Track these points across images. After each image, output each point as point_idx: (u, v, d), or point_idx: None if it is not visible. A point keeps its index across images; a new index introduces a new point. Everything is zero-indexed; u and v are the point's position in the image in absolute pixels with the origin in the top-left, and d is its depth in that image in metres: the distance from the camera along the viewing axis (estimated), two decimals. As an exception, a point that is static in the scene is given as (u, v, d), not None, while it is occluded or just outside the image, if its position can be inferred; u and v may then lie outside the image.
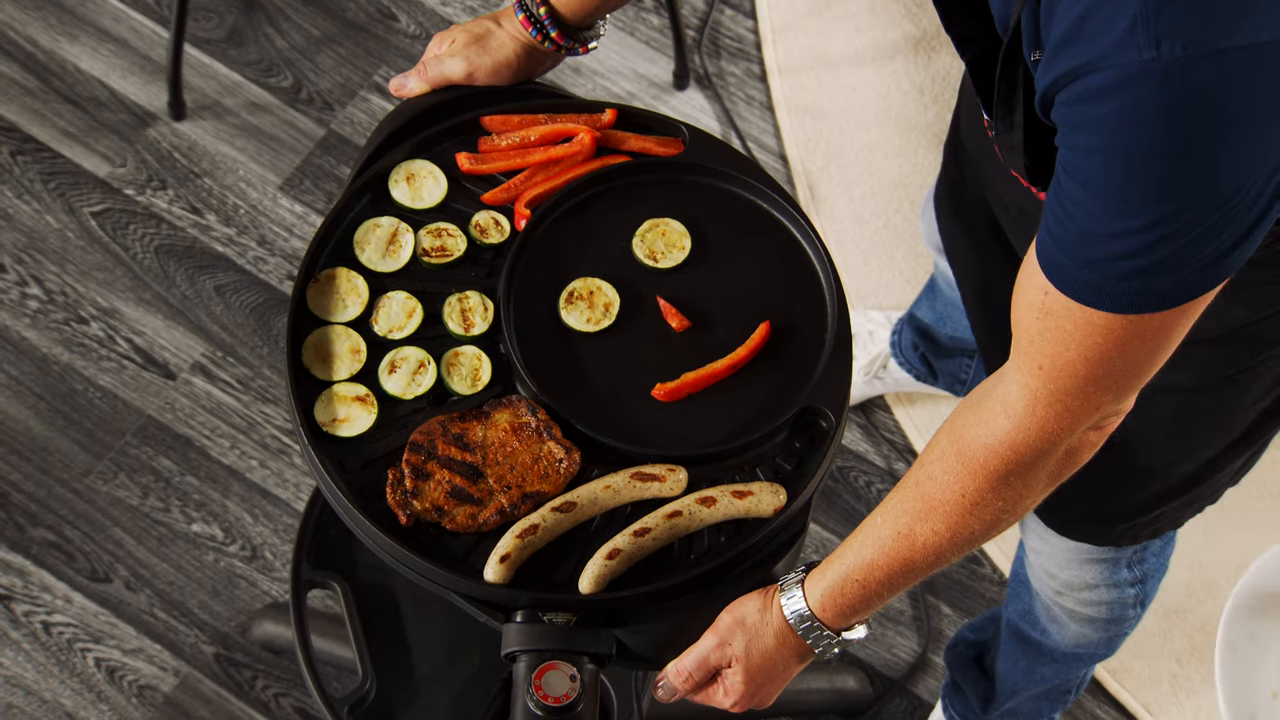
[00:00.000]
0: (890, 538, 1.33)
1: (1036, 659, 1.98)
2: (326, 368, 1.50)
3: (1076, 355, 1.19)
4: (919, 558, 1.33)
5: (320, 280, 1.54)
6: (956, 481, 1.29)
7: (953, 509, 1.30)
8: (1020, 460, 1.26)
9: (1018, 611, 1.96)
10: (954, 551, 1.33)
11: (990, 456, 1.27)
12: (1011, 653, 2.02)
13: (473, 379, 1.51)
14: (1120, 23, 1.06)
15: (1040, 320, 1.19)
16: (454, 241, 1.56)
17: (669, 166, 1.61)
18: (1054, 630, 1.92)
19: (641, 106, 2.11)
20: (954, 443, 1.30)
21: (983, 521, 1.30)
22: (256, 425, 2.38)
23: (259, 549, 2.31)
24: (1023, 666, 2.01)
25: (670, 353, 1.52)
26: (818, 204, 2.57)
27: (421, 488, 1.45)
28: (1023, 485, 1.28)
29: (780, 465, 1.49)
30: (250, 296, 2.45)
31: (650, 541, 1.42)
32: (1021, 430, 1.25)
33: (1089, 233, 1.13)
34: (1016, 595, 1.97)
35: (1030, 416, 1.24)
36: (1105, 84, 1.07)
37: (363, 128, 2.57)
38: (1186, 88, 1.05)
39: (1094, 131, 1.09)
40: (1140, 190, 1.09)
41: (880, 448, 2.42)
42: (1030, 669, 2.01)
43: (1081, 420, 1.23)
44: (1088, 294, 1.15)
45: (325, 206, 2.51)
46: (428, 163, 1.60)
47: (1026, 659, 2.00)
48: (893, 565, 1.34)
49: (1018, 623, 1.97)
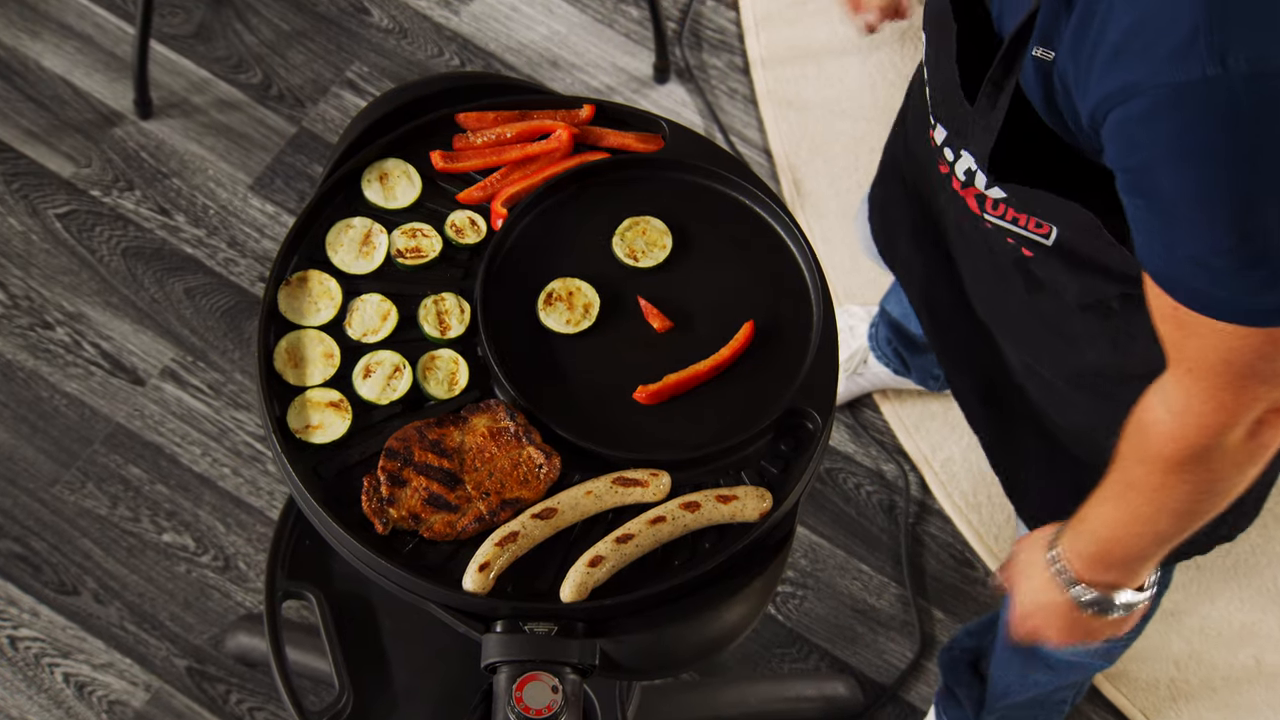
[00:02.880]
0: (1111, 501, 1.38)
1: (1030, 664, 1.99)
2: (299, 372, 1.50)
3: (1218, 359, 1.23)
4: (1136, 525, 1.37)
5: (292, 283, 1.54)
6: (1140, 463, 1.34)
7: (1144, 486, 1.34)
8: (1190, 450, 1.30)
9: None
10: (1171, 522, 1.36)
11: (1160, 445, 1.31)
12: (1006, 655, 2.03)
13: (449, 383, 1.51)
14: (1177, 35, 1.05)
15: (1178, 330, 1.24)
16: (429, 242, 1.57)
17: (649, 163, 1.61)
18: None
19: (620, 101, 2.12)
20: (1136, 422, 1.34)
21: (1179, 500, 1.34)
22: (228, 432, 2.37)
23: (232, 559, 2.31)
24: (1016, 670, 2.02)
25: (652, 354, 1.53)
26: (803, 199, 2.57)
27: (398, 495, 1.45)
28: (1206, 471, 1.31)
29: (766, 468, 1.49)
30: (220, 299, 2.45)
31: (633, 548, 1.43)
32: (1181, 425, 1.29)
33: (1185, 256, 1.16)
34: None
35: (1188, 413, 1.28)
36: (1163, 101, 1.07)
37: (335, 125, 2.57)
38: (1258, 102, 1.04)
39: (1157, 151, 1.09)
40: (1220, 208, 1.11)
41: (869, 449, 2.43)
42: (1023, 674, 2.02)
43: (1241, 412, 1.27)
44: (1212, 309, 1.19)
45: (297, 206, 2.51)
46: (401, 161, 1.60)
47: (1021, 663, 2.00)
48: (1124, 529, 1.38)
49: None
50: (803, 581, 2.35)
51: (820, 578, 2.35)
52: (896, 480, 2.41)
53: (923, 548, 2.38)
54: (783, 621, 2.32)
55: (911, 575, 2.35)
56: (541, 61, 2.64)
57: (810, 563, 2.36)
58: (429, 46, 2.63)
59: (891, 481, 2.41)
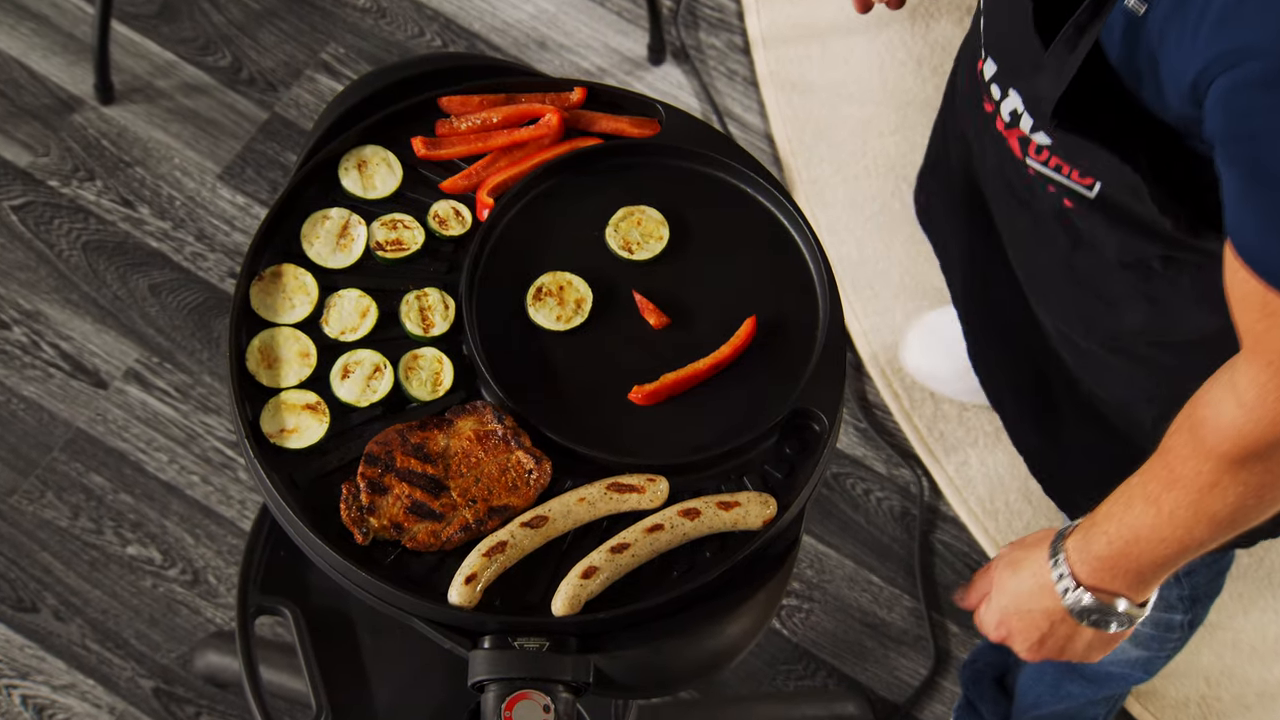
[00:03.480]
0: (1140, 500, 1.36)
1: (1065, 674, 1.99)
2: (273, 373, 1.51)
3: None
4: (1166, 529, 1.35)
5: (265, 278, 1.54)
6: (1192, 457, 1.32)
7: (1191, 485, 1.32)
8: (1252, 448, 1.29)
9: None
10: (1208, 529, 1.34)
11: (1221, 440, 1.29)
12: (1035, 669, 2.02)
13: (433, 384, 1.51)
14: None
15: (1264, 320, 1.22)
16: (411, 234, 1.57)
17: (644, 149, 1.62)
18: None
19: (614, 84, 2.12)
20: (1189, 418, 1.32)
21: (1226, 504, 1.32)
22: (197, 437, 2.38)
23: (201, 573, 2.31)
24: (1049, 681, 2.02)
25: (648, 352, 1.53)
26: (807, 187, 2.58)
27: (378, 503, 1.45)
28: (1265, 473, 1.30)
29: (769, 473, 1.50)
30: (188, 296, 2.46)
31: (629, 558, 1.43)
32: (1252, 420, 1.27)
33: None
34: None
35: (1261, 408, 1.26)
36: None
37: (309, 110, 2.57)
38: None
39: (1272, 120, 1.07)
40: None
41: (880, 452, 2.43)
42: (1056, 684, 2.02)
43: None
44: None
45: (269, 197, 2.51)
46: (381, 148, 1.61)
47: (1054, 672, 2.00)
48: (1149, 533, 1.36)
49: None
50: (809, 594, 2.35)
51: (828, 590, 2.36)
52: (909, 486, 2.42)
53: (937, 557, 2.38)
54: (788, 636, 2.33)
55: (925, 587, 2.36)
56: (529, 42, 2.64)
57: (817, 574, 2.36)
58: (409, 26, 2.63)
59: (903, 487, 2.42)
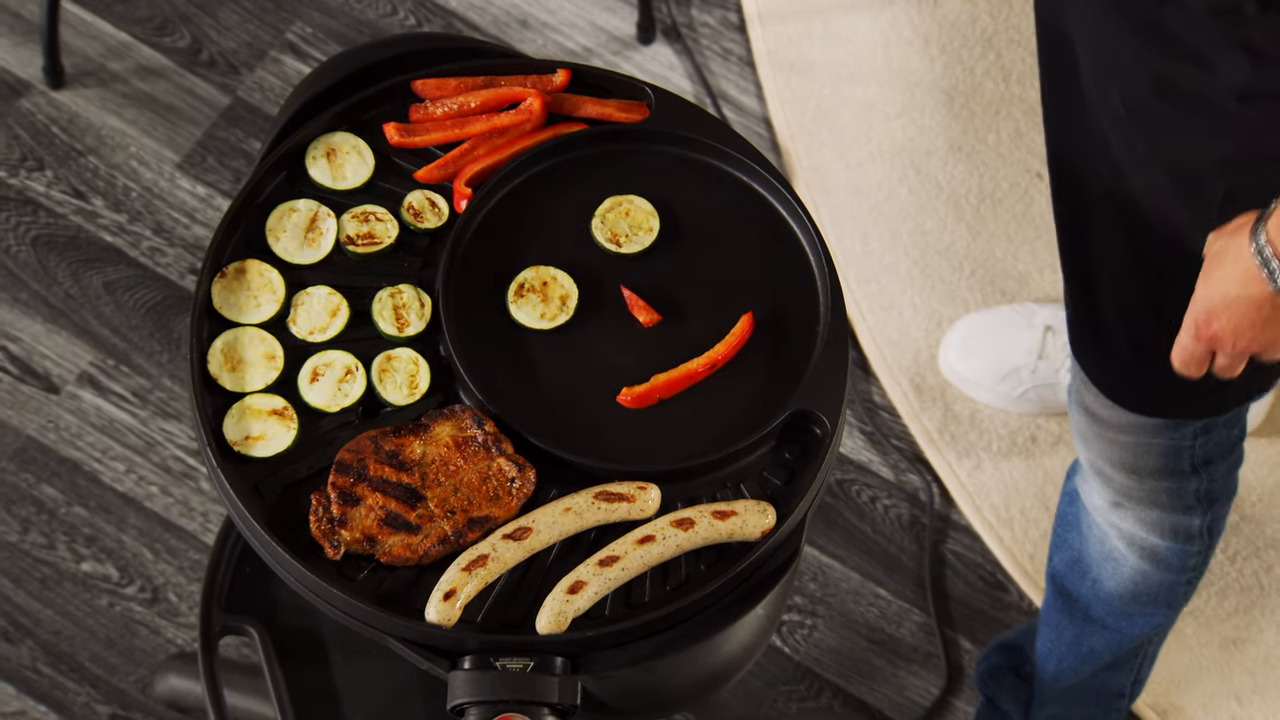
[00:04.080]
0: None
1: (1085, 627, 2.01)
2: (237, 377, 1.51)
3: None
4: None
5: (228, 274, 1.55)
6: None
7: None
8: None
9: (1065, 561, 2.00)
10: None
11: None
12: (1055, 623, 2.05)
13: (408, 387, 1.52)
14: None
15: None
16: (383, 227, 1.58)
17: (633, 135, 1.62)
18: (1108, 576, 1.95)
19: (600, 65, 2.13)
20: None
21: None
22: (156, 445, 2.38)
23: (161, 590, 2.31)
24: (1068, 639, 2.04)
25: (638, 352, 1.54)
26: (807, 174, 2.58)
27: (351, 515, 1.46)
28: None
29: (768, 480, 1.50)
30: (146, 294, 2.46)
31: (619, 572, 1.44)
32: None
33: None
34: (1064, 542, 2.00)
35: None
36: None
37: (274, 95, 2.57)
38: None
39: None
40: None
41: (888, 456, 2.44)
42: (1077, 641, 2.04)
43: None
44: None
45: (232, 188, 2.51)
46: (351, 135, 1.61)
47: (1073, 627, 2.02)
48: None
49: (1065, 577, 2.00)
50: (812, 609, 2.36)
51: (832, 604, 2.36)
52: (918, 492, 2.42)
53: (948, 569, 2.39)
54: (790, 654, 2.33)
55: (936, 600, 2.36)
56: (509, 20, 2.64)
57: (820, 587, 2.37)
58: (381, 4, 2.63)
59: (912, 494, 2.42)
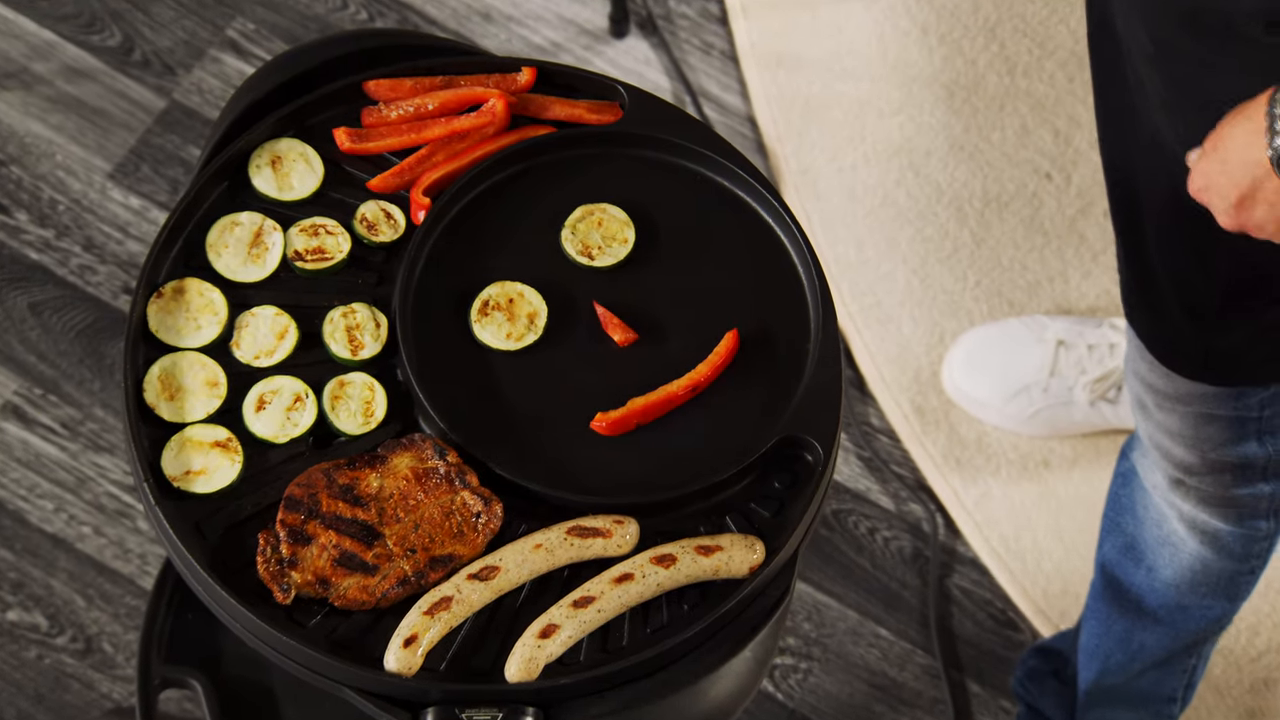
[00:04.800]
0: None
1: (1136, 620, 2.02)
2: (176, 406, 1.51)
3: None
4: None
5: (165, 294, 1.55)
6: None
7: None
8: None
9: (1117, 548, 2.01)
10: None
11: None
12: (1103, 616, 2.05)
13: (363, 415, 1.52)
14: None
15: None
16: (334, 241, 1.58)
17: (605, 138, 1.63)
18: (1164, 563, 1.96)
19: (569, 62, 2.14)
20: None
21: None
22: (88, 481, 2.38)
23: (95, 640, 2.31)
24: (1118, 633, 2.05)
25: (613, 374, 1.54)
26: (796, 178, 2.59)
27: (302, 555, 1.46)
28: None
29: (756, 512, 1.51)
30: (76, 316, 2.46)
31: (594, 614, 1.44)
32: None
33: None
34: (1116, 527, 2.01)
35: None
36: None
37: (214, 98, 2.58)
38: None
39: None
40: None
41: (887, 485, 2.44)
42: (1127, 636, 2.04)
43: None
44: None
45: (169, 199, 2.52)
46: (298, 142, 1.61)
47: (1124, 620, 2.03)
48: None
49: (1116, 565, 2.01)
50: (806, 651, 2.36)
51: (828, 646, 2.37)
52: (921, 523, 2.43)
53: (955, 606, 2.39)
54: (783, 701, 2.34)
55: (941, 641, 2.37)
56: (470, 14, 2.65)
57: (815, 627, 2.37)
58: (329, -3, 2.64)
59: (914, 525, 2.43)
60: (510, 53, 2.60)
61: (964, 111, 2.63)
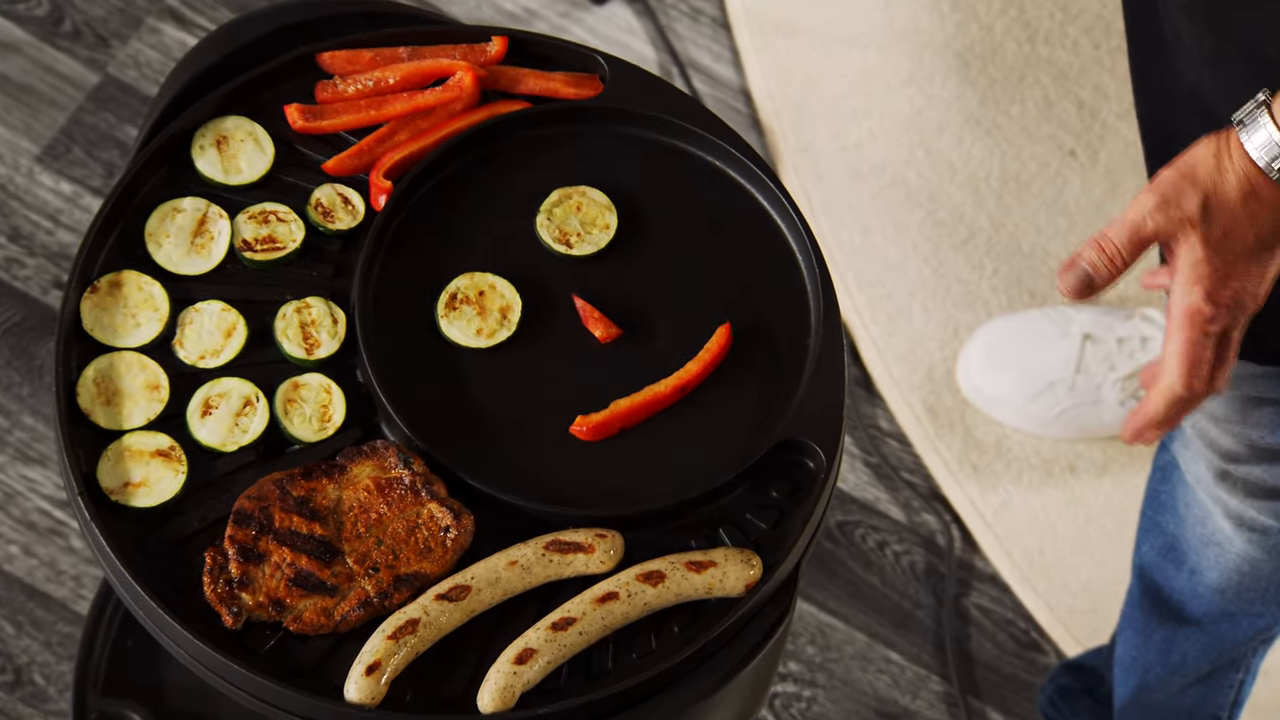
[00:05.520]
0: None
1: (1178, 629, 2.02)
2: (113, 411, 1.52)
3: None
4: None
5: (101, 289, 1.55)
6: None
7: None
8: None
9: (1157, 549, 2.01)
10: None
11: None
12: (1141, 625, 2.06)
13: (320, 420, 1.52)
14: None
15: None
16: (286, 229, 1.58)
17: (584, 114, 1.63)
18: (1208, 565, 1.96)
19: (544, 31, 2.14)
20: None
21: None
22: (16, 496, 2.38)
23: (25, 671, 2.31)
24: (1157, 644, 2.05)
25: (594, 373, 1.55)
26: (795, 157, 2.60)
27: (253, 575, 1.46)
28: None
29: (752, 524, 1.51)
30: (1, 314, 2.45)
31: (576, 637, 1.44)
32: None
33: None
34: (1155, 526, 2.01)
35: None
36: None
37: (153, 71, 2.58)
38: None
39: None
40: None
41: (898, 494, 2.45)
42: (1167, 647, 2.05)
43: None
44: None
45: (104, 184, 2.52)
46: (246, 120, 1.62)
47: (1164, 629, 2.03)
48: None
49: (1155, 569, 2.02)
50: (810, 677, 2.36)
51: (834, 671, 2.37)
52: (935, 536, 2.44)
53: (973, 627, 2.40)
54: (784, 733, 2.34)
55: (958, 665, 2.37)
56: (434, -23, 2.65)
57: (819, 651, 2.38)
58: (279, -40, 2.64)
59: (928, 538, 2.44)
60: (479, 20, 2.60)
61: (980, 82, 2.63)
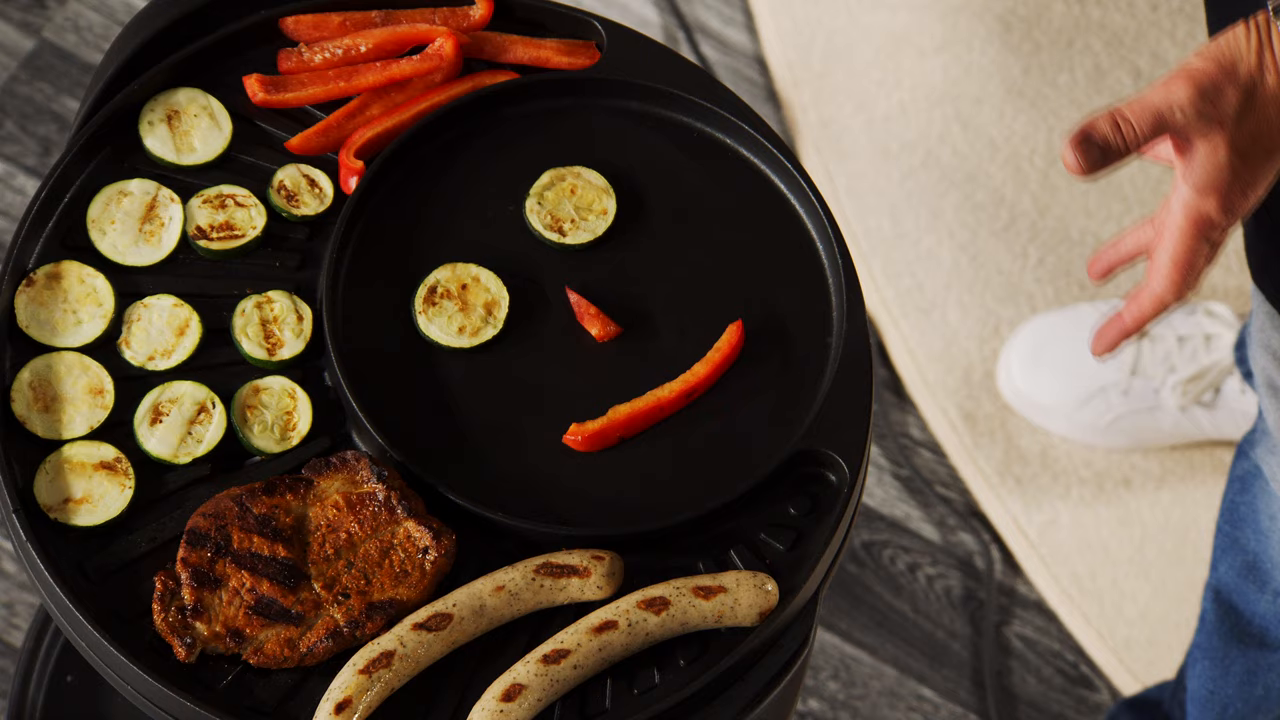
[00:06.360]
0: None
1: (1261, 656, 2.03)
2: (51, 419, 1.52)
3: None
4: None
5: (37, 282, 1.56)
6: None
7: None
8: None
9: (1236, 569, 2.02)
10: None
11: None
12: (1219, 655, 2.06)
13: (283, 428, 1.53)
14: None
15: None
16: (246, 214, 1.59)
17: (579, 86, 1.64)
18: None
19: (534, -10, 2.14)
20: None
21: None
22: (-58, 513, 2.38)
23: (-47, 709, 2.32)
24: (1238, 674, 2.05)
25: (591, 376, 1.55)
26: (816, 133, 2.60)
27: (209, 602, 1.46)
28: None
29: (767, 544, 1.52)
30: (-75, 309, 2.46)
31: (570, 671, 1.45)
32: None
33: None
34: (1234, 544, 2.01)
35: None
36: None
37: (95, 37, 2.58)
38: None
39: None
40: None
41: (930, 511, 2.45)
42: (1249, 677, 2.05)
43: None
44: None
45: (41, 164, 2.52)
46: (200, 93, 1.62)
47: (1245, 658, 2.04)
48: None
49: (1234, 591, 2.03)
50: (833, 716, 2.37)
51: (859, 709, 2.37)
52: (973, 558, 2.44)
53: (1015, 660, 2.40)
54: (804, 779, 2.35)
55: (999, 702, 2.38)
56: (411, -69, 2.66)
57: (843, 687, 2.38)
58: (237, -88, 2.65)
59: (965, 560, 2.44)
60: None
61: (1023, 49, 2.64)
